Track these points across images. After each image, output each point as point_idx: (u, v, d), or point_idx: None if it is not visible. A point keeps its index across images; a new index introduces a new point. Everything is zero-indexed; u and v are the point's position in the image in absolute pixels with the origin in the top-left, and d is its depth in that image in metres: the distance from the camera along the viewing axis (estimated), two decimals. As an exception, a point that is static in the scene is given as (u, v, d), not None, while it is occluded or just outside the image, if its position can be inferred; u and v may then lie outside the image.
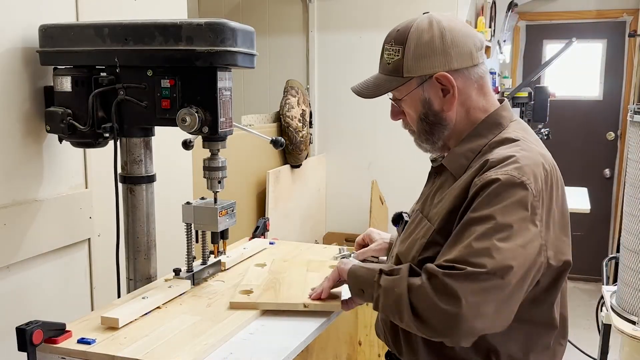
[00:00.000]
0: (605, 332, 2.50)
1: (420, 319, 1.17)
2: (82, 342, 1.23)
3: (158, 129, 1.61)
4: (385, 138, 3.74)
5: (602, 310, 2.61)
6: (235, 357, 1.21)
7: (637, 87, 4.84)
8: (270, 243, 2.00)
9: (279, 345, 1.27)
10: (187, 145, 1.66)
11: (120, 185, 1.61)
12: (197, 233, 1.59)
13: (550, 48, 5.33)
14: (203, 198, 1.58)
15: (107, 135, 1.52)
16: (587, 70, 5.29)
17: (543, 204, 1.21)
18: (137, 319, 1.35)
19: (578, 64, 5.26)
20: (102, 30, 1.48)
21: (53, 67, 1.57)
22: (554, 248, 1.23)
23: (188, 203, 1.56)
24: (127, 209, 1.62)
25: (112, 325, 1.30)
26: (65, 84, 1.54)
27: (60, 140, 1.61)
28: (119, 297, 1.63)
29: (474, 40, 1.33)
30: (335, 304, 1.43)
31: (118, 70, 1.50)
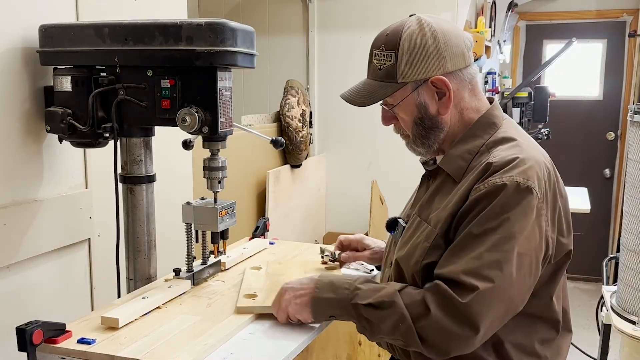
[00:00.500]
0: (605, 332, 2.50)
1: (430, 346, 1.19)
2: (82, 342, 1.23)
3: (158, 129, 1.61)
4: (385, 138, 3.70)
5: (602, 310, 2.61)
6: (235, 357, 1.21)
7: (637, 87, 4.84)
8: (270, 243, 2.00)
9: (279, 345, 1.27)
10: (187, 145, 1.66)
11: (120, 185, 1.61)
12: (197, 233, 1.59)
13: (550, 48, 5.33)
14: (203, 198, 1.58)
15: (107, 135, 1.52)
16: (587, 70, 5.30)
17: (548, 204, 1.23)
18: (137, 319, 1.35)
19: (578, 64, 5.26)
20: (102, 30, 1.48)
21: (53, 67, 1.57)
22: (558, 243, 1.25)
23: (188, 203, 1.56)
24: (127, 209, 1.62)
25: (112, 325, 1.30)
26: (65, 84, 1.54)
27: (60, 140, 1.61)
28: (119, 297, 1.62)
29: (464, 41, 1.32)
30: None
31: (118, 70, 1.50)
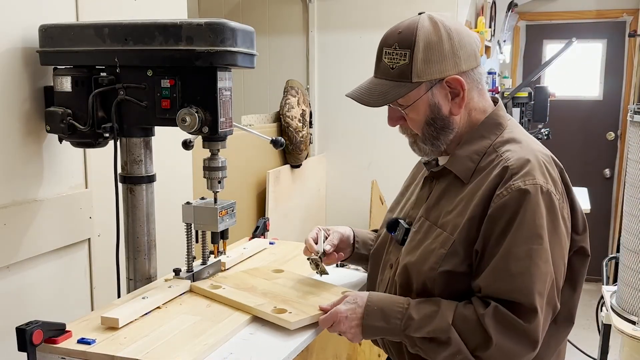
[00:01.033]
0: (605, 332, 2.50)
1: None
2: (82, 342, 1.23)
3: (158, 129, 1.61)
4: (386, 138, 3.72)
5: (602, 310, 2.61)
6: (235, 357, 1.21)
7: (637, 87, 4.84)
8: (270, 243, 2.00)
9: (279, 346, 1.27)
10: (187, 145, 1.66)
11: (120, 185, 1.61)
12: (197, 233, 1.59)
13: (550, 48, 5.33)
14: (203, 198, 1.58)
15: (107, 135, 1.52)
16: (587, 70, 5.29)
17: (565, 202, 1.27)
18: (137, 319, 1.35)
19: (578, 64, 5.26)
20: (102, 30, 1.48)
21: (53, 67, 1.57)
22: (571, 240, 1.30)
23: (188, 203, 1.56)
24: (127, 209, 1.62)
25: (112, 325, 1.30)
26: (65, 84, 1.54)
27: (60, 140, 1.61)
28: (119, 297, 1.63)
29: (475, 40, 1.31)
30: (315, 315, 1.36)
31: (118, 70, 1.50)
